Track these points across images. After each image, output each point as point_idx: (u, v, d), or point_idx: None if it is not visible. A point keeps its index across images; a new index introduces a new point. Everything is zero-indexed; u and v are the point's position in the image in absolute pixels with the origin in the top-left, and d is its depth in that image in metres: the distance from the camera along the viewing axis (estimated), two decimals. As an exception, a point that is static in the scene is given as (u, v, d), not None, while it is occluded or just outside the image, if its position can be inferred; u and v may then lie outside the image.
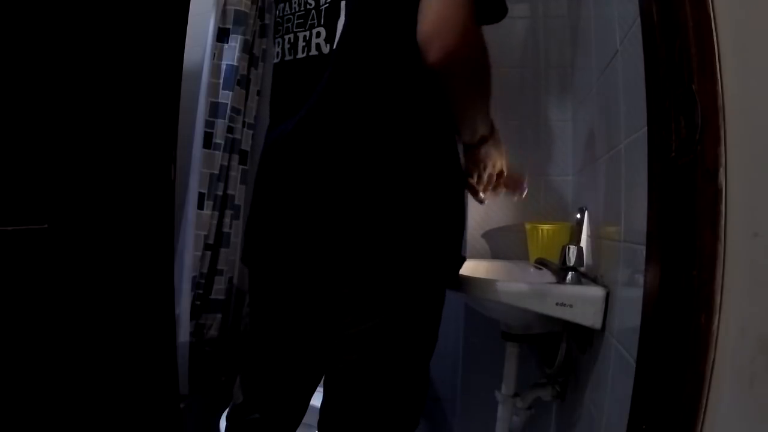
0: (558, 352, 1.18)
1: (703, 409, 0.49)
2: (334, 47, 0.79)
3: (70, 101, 0.74)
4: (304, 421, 0.99)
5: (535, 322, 1.10)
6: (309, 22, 0.82)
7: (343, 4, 0.79)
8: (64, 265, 0.74)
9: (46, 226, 0.71)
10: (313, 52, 0.81)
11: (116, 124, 0.80)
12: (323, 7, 0.81)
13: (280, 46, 0.86)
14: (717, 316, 0.48)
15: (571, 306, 0.93)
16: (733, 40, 0.49)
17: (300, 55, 0.82)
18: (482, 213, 1.46)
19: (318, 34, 0.80)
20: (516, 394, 1.19)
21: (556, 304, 0.94)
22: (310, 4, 0.82)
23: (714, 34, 0.49)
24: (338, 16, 0.79)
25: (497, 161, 0.96)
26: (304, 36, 0.82)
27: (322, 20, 0.80)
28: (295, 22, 0.83)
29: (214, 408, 1.55)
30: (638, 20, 0.69)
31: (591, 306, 0.92)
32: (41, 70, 0.71)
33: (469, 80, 0.78)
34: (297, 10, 0.84)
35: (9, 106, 0.68)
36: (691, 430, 0.49)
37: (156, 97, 0.84)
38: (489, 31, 0.85)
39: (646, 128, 0.67)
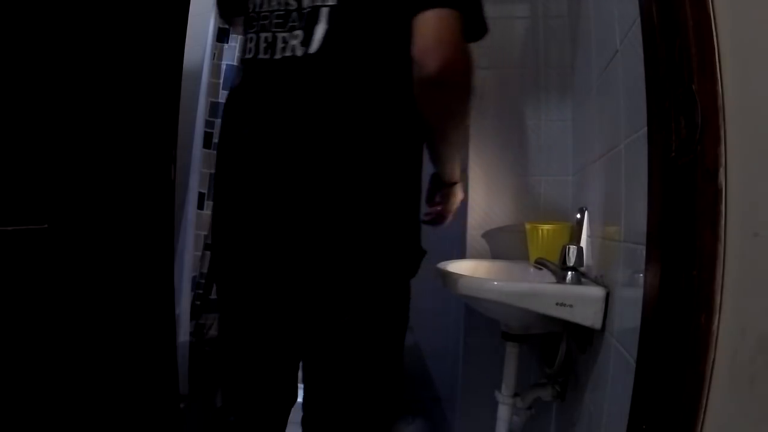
0: (558, 352, 1.18)
1: (703, 409, 0.49)
2: (311, 51, 0.81)
3: (70, 101, 0.74)
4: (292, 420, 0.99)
5: (535, 322, 1.10)
6: (289, 23, 0.83)
7: (324, 10, 0.81)
8: (64, 265, 0.74)
9: (46, 226, 0.71)
10: (288, 53, 0.82)
11: (116, 124, 0.80)
12: (305, 10, 0.82)
13: (254, 42, 0.87)
14: (717, 316, 0.48)
15: (571, 306, 0.93)
16: (733, 40, 0.48)
17: (277, 56, 0.83)
18: (482, 213, 1.46)
19: (296, 37, 0.82)
20: (516, 394, 1.19)
21: (556, 304, 0.94)
22: (292, 5, 0.83)
23: (714, 34, 0.49)
24: (317, 22, 0.80)
25: (460, 198, 1.09)
26: (283, 37, 0.83)
27: (303, 23, 0.82)
28: (274, 21, 0.84)
29: (214, 408, 1.55)
30: (638, 20, 0.69)
31: (591, 306, 0.92)
32: (41, 70, 0.71)
33: (463, 95, 0.82)
34: (276, 8, 0.84)
35: (9, 106, 0.68)
36: (691, 430, 0.49)
37: (156, 97, 0.84)
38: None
39: (646, 128, 0.67)
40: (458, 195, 1.07)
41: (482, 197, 1.46)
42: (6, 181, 0.68)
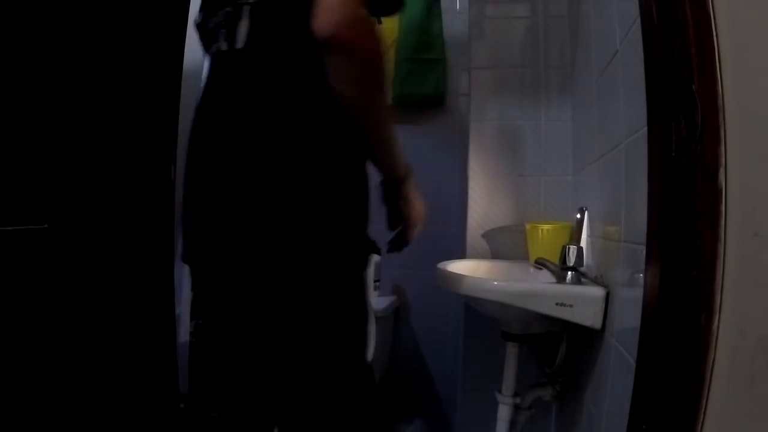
0: (558, 352, 1.18)
1: (703, 409, 0.49)
2: (239, 47, 0.83)
3: (70, 102, 0.74)
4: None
5: (535, 322, 1.10)
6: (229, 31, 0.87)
7: (246, 8, 0.83)
8: (64, 265, 0.74)
9: (46, 226, 0.71)
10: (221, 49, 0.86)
11: (116, 124, 0.80)
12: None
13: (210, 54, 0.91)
14: (717, 316, 0.48)
15: (571, 306, 0.93)
16: (733, 40, 0.49)
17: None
18: (482, 213, 1.46)
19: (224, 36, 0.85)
20: (516, 394, 1.19)
21: (556, 304, 0.94)
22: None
23: (714, 34, 0.49)
24: (239, 18, 0.83)
25: (419, 205, 0.94)
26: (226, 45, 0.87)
27: (228, 22, 0.85)
28: (221, 31, 0.88)
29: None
30: (638, 20, 0.69)
31: (591, 306, 0.92)
32: (42, 70, 0.71)
33: (367, 62, 0.76)
34: (221, 20, 0.88)
35: (9, 106, 0.68)
36: (691, 430, 0.49)
37: (156, 96, 0.85)
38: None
39: (646, 128, 0.67)
40: (412, 197, 0.93)
41: (482, 197, 1.46)
42: (6, 181, 0.68)
